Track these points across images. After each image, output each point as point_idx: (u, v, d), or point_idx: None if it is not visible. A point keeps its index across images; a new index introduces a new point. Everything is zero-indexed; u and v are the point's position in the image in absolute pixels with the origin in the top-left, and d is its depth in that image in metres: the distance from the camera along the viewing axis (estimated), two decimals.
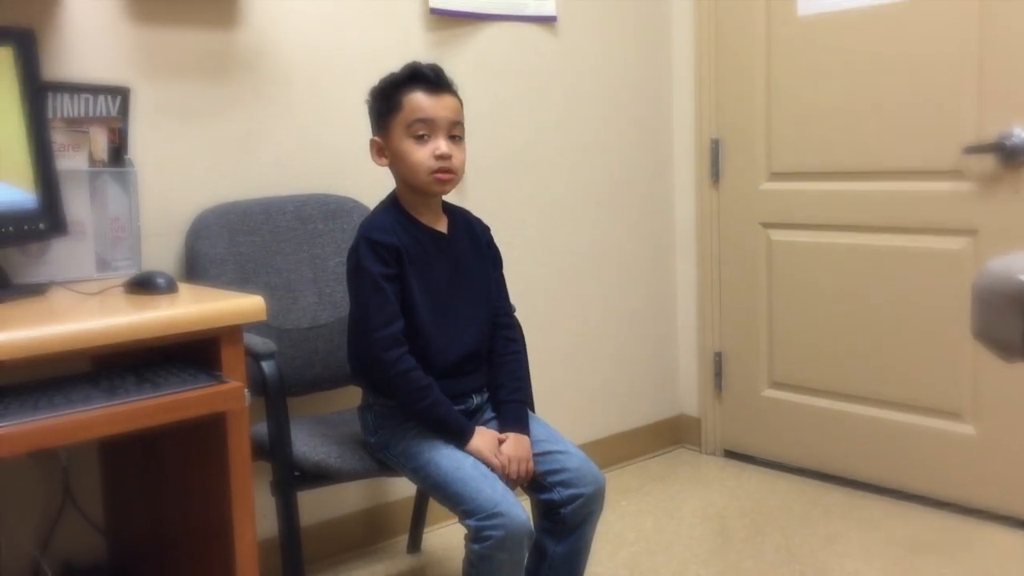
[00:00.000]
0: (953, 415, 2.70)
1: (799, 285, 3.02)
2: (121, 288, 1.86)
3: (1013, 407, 2.53)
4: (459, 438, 1.87)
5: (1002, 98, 2.52)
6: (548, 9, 2.88)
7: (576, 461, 1.93)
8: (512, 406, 1.99)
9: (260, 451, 1.90)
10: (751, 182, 3.10)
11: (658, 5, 3.22)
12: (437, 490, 1.85)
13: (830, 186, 2.90)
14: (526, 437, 1.93)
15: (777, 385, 3.13)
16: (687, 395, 3.39)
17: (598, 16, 3.04)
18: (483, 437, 1.88)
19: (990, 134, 2.54)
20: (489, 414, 2.02)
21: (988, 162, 2.56)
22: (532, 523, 1.83)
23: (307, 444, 1.98)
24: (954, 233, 2.65)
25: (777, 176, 3.04)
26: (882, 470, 2.87)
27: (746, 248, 3.14)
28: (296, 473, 1.94)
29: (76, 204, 2.01)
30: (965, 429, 2.68)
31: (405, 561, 2.55)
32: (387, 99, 1.94)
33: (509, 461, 1.87)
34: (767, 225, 3.08)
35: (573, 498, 1.90)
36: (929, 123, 2.66)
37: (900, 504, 2.80)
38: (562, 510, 1.90)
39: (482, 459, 1.85)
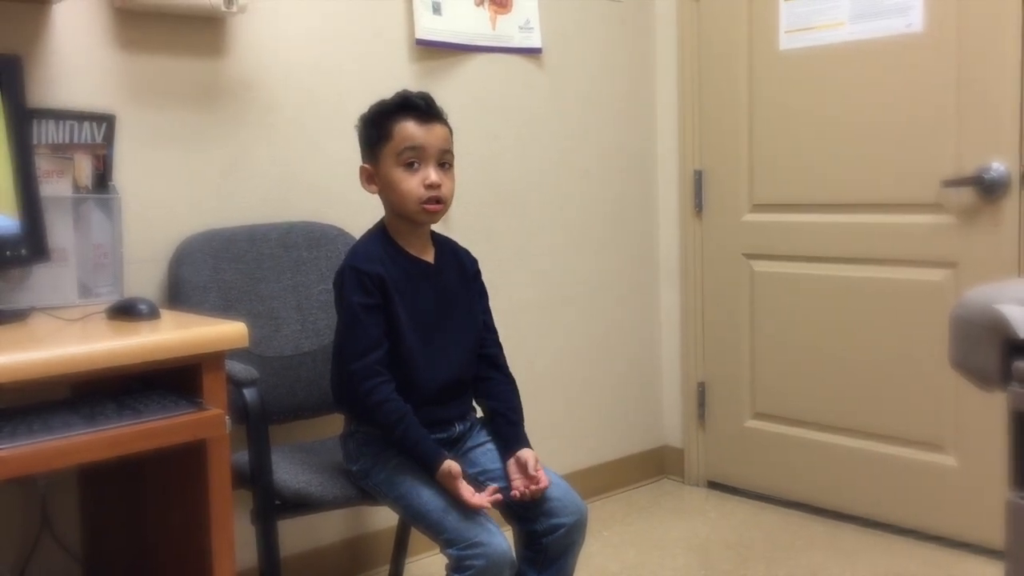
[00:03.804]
0: (935, 446, 2.71)
1: (782, 316, 3.03)
2: (103, 314, 1.86)
3: (995, 439, 2.54)
4: (427, 469, 1.84)
5: (980, 133, 2.55)
6: (533, 41, 2.91)
7: (558, 491, 1.92)
8: (517, 428, 1.99)
9: (241, 479, 1.89)
10: (734, 213, 3.13)
11: (642, 38, 3.26)
12: (418, 519, 1.84)
13: (812, 218, 2.93)
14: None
15: (760, 416, 3.13)
16: (671, 426, 3.39)
17: (583, 48, 3.07)
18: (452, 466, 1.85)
19: (969, 168, 2.57)
20: (472, 441, 2.01)
21: (967, 195, 2.59)
22: (514, 553, 1.82)
23: (288, 472, 1.97)
24: (935, 265, 2.67)
25: (760, 208, 3.07)
26: (864, 501, 2.87)
27: (729, 279, 3.16)
28: (277, 501, 1.92)
29: (59, 230, 2.01)
30: (947, 460, 2.69)
31: None
32: (377, 127, 1.95)
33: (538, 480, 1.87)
34: (750, 256, 3.10)
35: (555, 528, 1.89)
36: (909, 157, 2.69)
37: (883, 535, 2.80)
38: (544, 540, 1.89)
39: (448, 490, 1.81)
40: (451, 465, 1.82)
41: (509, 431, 1.98)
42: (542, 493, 1.88)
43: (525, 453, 1.92)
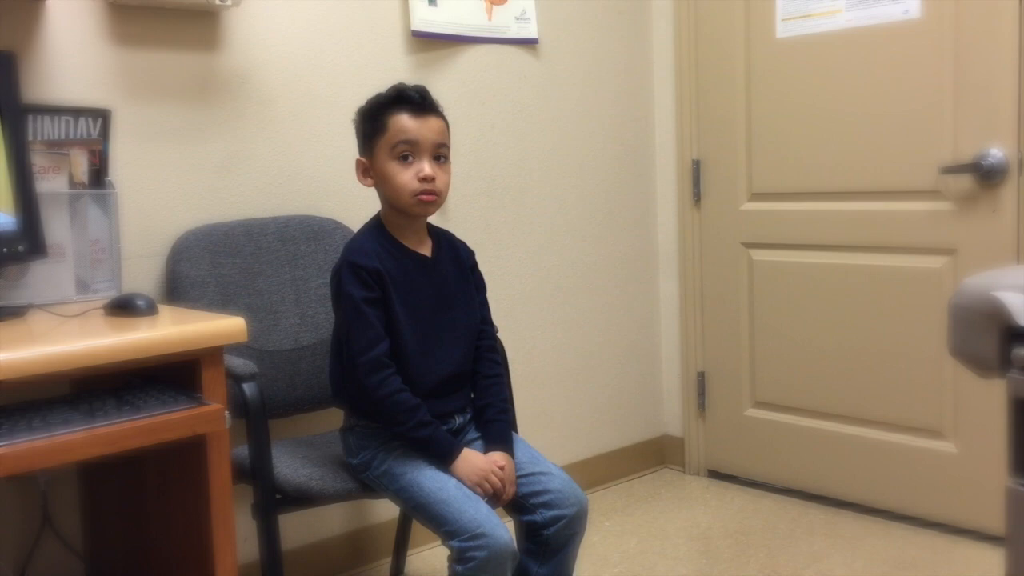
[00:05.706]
0: (935, 433, 2.72)
1: (780, 304, 3.03)
2: (101, 310, 1.86)
3: (994, 424, 2.55)
4: (443, 460, 1.87)
5: (978, 119, 2.55)
6: (530, 32, 2.91)
7: (559, 482, 1.93)
8: (497, 425, 1.99)
9: (241, 474, 1.89)
10: (732, 202, 3.12)
11: (638, 28, 3.25)
12: (419, 511, 1.84)
13: (810, 206, 2.93)
14: (511, 457, 1.93)
15: (760, 404, 3.14)
16: (671, 415, 3.39)
17: (579, 39, 3.06)
18: (467, 462, 1.87)
19: (967, 155, 2.57)
20: (472, 434, 2.01)
21: (965, 182, 2.58)
22: (515, 544, 1.83)
23: (288, 466, 1.97)
24: (933, 252, 2.67)
25: (758, 196, 3.06)
26: (865, 488, 2.88)
27: (728, 268, 3.16)
28: (277, 496, 1.93)
29: (56, 226, 2.01)
30: (946, 447, 2.70)
31: None
32: (372, 120, 1.95)
33: (503, 484, 1.87)
34: (748, 245, 3.10)
35: (556, 519, 1.90)
36: (907, 144, 2.69)
37: (883, 522, 2.80)
38: (545, 532, 1.90)
39: (465, 483, 1.84)
40: (468, 453, 1.87)
41: (491, 428, 1.98)
42: (508, 499, 1.90)
43: (498, 458, 1.91)
